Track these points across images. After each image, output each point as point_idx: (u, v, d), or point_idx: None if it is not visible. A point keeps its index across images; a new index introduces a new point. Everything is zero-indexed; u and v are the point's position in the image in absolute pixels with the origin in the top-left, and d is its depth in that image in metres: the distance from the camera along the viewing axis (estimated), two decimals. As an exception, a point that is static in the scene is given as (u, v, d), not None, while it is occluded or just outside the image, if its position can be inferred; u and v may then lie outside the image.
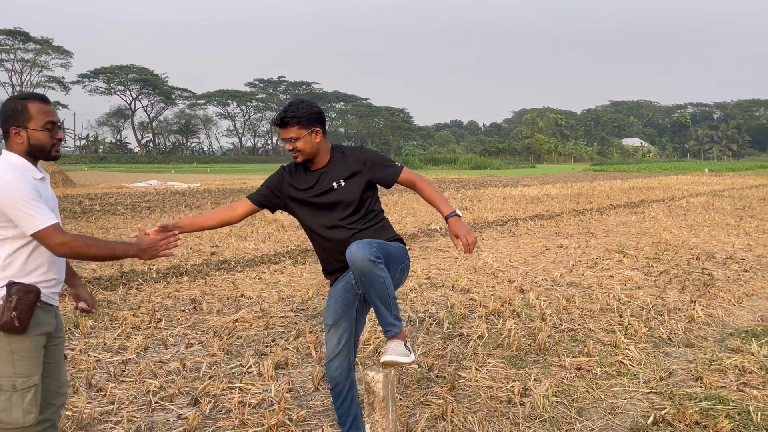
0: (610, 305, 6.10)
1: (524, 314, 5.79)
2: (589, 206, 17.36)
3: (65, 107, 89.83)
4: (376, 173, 3.09)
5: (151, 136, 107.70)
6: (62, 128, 2.61)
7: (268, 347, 4.95)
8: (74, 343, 5.01)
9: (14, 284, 2.38)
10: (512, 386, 4.05)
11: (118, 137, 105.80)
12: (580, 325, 5.48)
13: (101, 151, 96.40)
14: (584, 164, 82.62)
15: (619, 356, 4.65)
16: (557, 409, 3.78)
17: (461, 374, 4.33)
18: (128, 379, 4.28)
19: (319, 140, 3.04)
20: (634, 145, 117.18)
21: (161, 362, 4.63)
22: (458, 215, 3.04)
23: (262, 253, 9.45)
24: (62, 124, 2.79)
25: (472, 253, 3.06)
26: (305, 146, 3.01)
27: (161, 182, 30.30)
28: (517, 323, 5.48)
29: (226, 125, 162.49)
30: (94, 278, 7.48)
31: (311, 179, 3.10)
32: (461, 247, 2.97)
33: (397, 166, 3.13)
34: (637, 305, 6.12)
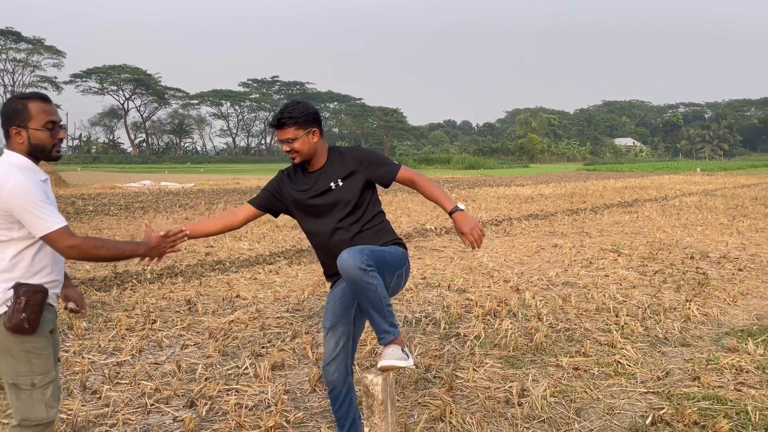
0: (605, 305, 6.10)
1: (520, 314, 5.78)
2: (582, 206, 17.40)
3: (58, 107, 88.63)
4: (373, 172, 3.06)
5: (144, 136, 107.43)
6: (64, 128, 2.59)
7: (264, 348, 4.92)
8: (68, 345, 4.96)
9: (21, 285, 2.37)
10: (510, 387, 4.04)
11: (111, 137, 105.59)
12: (576, 324, 5.48)
13: (94, 151, 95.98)
14: (577, 164, 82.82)
15: (616, 356, 4.65)
16: (555, 409, 3.77)
17: (459, 375, 4.32)
18: (123, 381, 4.24)
19: (316, 140, 3.02)
20: (626, 144, 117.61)
21: (156, 364, 4.59)
22: (461, 209, 2.97)
23: (257, 253, 9.41)
24: (64, 124, 2.76)
25: (480, 247, 3.01)
26: (302, 147, 2.99)
27: (154, 182, 30.18)
28: (513, 323, 5.47)
29: (219, 125, 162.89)
30: (87, 279, 7.42)
31: (309, 181, 3.07)
32: (468, 243, 2.93)
33: (394, 164, 3.10)
34: (632, 305, 6.13)
